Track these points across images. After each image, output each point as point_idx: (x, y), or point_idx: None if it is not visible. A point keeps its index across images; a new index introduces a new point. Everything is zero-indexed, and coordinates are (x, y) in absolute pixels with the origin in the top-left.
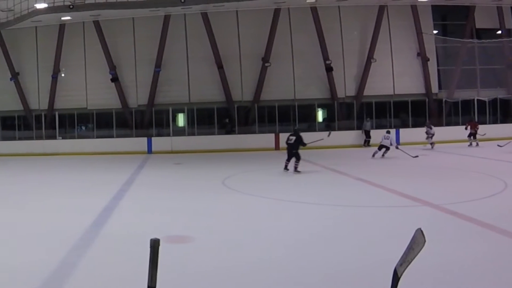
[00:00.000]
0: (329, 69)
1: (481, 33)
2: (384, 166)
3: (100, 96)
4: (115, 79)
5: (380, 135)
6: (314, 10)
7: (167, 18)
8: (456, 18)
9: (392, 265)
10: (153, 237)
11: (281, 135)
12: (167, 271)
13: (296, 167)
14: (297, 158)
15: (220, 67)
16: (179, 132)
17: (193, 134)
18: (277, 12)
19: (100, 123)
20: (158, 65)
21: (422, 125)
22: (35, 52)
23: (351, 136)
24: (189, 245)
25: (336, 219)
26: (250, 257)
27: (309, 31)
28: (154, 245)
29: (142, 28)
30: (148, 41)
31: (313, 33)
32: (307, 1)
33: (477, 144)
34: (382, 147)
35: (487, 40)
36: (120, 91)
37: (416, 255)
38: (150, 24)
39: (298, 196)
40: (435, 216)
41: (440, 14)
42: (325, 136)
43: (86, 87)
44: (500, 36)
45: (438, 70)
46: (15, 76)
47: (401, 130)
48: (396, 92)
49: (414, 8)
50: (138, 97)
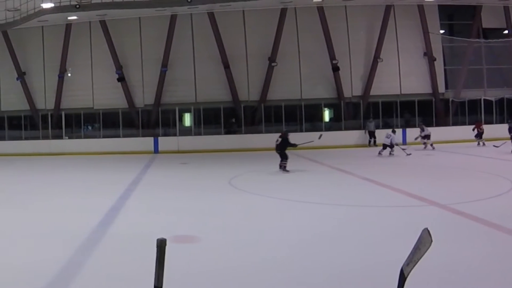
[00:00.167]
0: (335, 68)
1: (487, 33)
2: (390, 166)
3: (107, 96)
4: (121, 79)
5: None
6: (320, 9)
7: (173, 18)
8: (462, 18)
9: (398, 265)
10: (159, 236)
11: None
12: (173, 271)
13: (282, 166)
14: (284, 157)
15: (226, 67)
16: (186, 132)
17: (199, 134)
18: (283, 11)
19: (107, 122)
20: (165, 65)
21: (429, 125)
22: (42, 52)
23: (358, 136)
24: (195, 245)
25: (341, 219)
26: (256, 257)
27: (315, 31)
28: (161, 245)
29: (148, 28)
30: (155, 40)
31: (320, 33)
32: (314, 0)
33: (483, 144)
34: (385, 146)
35: (494, 40)
36: (127, 91)
37: (422, 255)
38: (156, 23)
39: (304, 195)
40: (442, 216)
41: (447, 13)
42: (316, 138)
43: (93, 87)
44: (506, 35)
45: (445, 70)
46: (21, 75)
47: (408, 130)
48: (402, 92)
49: (420, 8)
50: (144, 97)
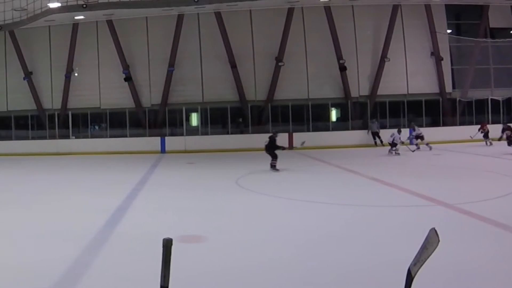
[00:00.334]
0: (342, 68)
1: (495, 33)
2: (398, 166)
3: (114, 96)
4: (128, 79)
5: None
6: (327, 9)
7: (180, 18)
8: (469, 17)
9: (405, 265)
10: (166, 236)
11: (294, 134)
12: (179, 271)
13: (272, 165)
14: (273, 157)
15: (233, 66)
16: (193, 131)
17: (206, 134)
18: (290, 11)
19: (114, 122)
20: (172, 65)
21: (437, 124)
22: (48, 52)
23: (365, 135)
24: (201, 244)
25: (348, 219)
26: (262, 257)
27: (322, 31)
28: (167, 245)
29: (155, 28)
30: (162, 40)
31: (327, 33)
32: (321, 0)
33: (490, 143)
34: (391, 145)
35: (501, 40)
36: (134, 91)
37: (430, 255)
38: (163, 23)
39: (311, 195)
40: (449, 215)
41: (454, 13)
42: (299, 145)
43: (100, 87)
44: None
45: (452, 70)
46: (28, 75)
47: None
48: (409, 92)
49: (427, 7)
50: (151, 97)
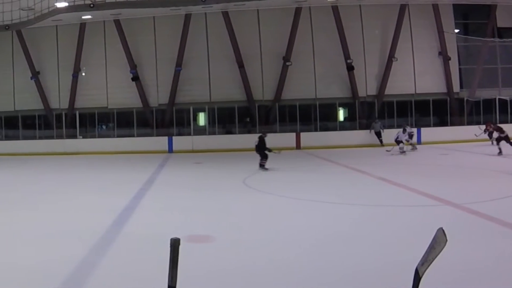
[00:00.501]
0: (350, 68)
1: (502, 32)
2: (405, 165)
3: (121, 95)
4: (135, 78)
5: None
6: (335, 9)
7: (188, 17)
8: (477, 17)
9: (412, 265)
10: (173, 236)
11: (302, 134)
12: (187, 271)
13: (261, 164)
14: (262, 157)
15: (241, 66)
16: (200, 131)
17: (214, 133)
18: (298, 11)
19: (121, 122)
20: (179, 64)
21: (444, 124)
22: (56, 51)
23: (373, 135)
24: (209, 244)
25: (356, 219)
26: (269, 256)
27: (330, 30)
28: (175, 245)
29: (163, 27)
30: (169, 40)
31: (334, 32)
32: (328, 0)
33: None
34: (397, 143)
35: (509, 39)
36: (141, 90)
37: (437, 255)
38: (171, 23)
39: (319, 195)
40: (457, 215)
41: (462, 13)
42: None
43: (107, 86)
44: None
45: (460, 69)
46: (35, 75)
47: (422, 130)
48: (417, 91)
49: (435, 7)
50: (159, 96)
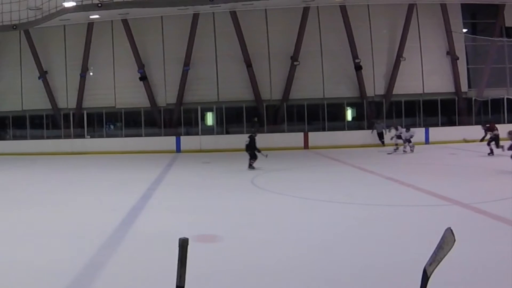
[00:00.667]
0: (358, 67)
1: (510, 32)
2: (413, 165)
3: (129, 95)
4: (143, 78)
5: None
6: (343, 8)
7: (195, 17)
8: (485, 17)
9: (420, 264)
10: (181, 236)
11: (310, 134)
12: (195, 270)
13: (250, 164)
14: (251, 157)
15: (249, 65)
16: (208, 131)
17: (221, 133)
18: (306, 10)
19: (129, 122)
20: (187, 64)
21: (452, 124)
22: (64, 51)
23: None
24: (217, 244)
25: (364, 218)
26: (278, 256)
27: (338, 30)
28: (183, 244)
29: (170, 27)
30: (177, 39)
31: (342, 32)
32: None
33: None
34: (404, 141)
35: None
36: (149, 90)
37: (445, 255)
38: (178, 22)
39: (327, 195)
40: (465, 215)
41: (470, 12)
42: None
43: (115, 86)
44: None
45: (468, 69)
46: (43, 74)
47: (430, 129)
48: (425, 91)
49: (443, 7)
50: (166, 96)
